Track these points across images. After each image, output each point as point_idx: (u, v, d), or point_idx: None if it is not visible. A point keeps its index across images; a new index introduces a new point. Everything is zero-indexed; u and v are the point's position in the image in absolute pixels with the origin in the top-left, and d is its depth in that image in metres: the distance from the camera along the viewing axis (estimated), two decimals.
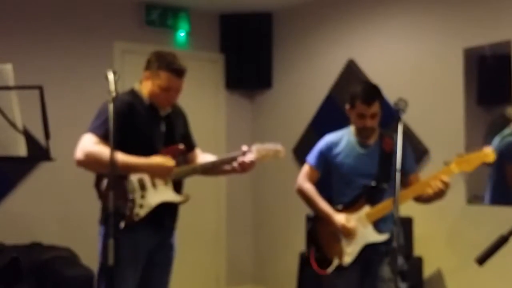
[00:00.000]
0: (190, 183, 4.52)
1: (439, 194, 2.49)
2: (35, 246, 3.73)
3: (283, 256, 4.66)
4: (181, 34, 4.70)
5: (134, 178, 2.37)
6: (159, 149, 2.45)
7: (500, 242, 1.75)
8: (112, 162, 1.89)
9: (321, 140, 2.86)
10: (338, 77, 4.26)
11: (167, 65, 2.44)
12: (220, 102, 4.95)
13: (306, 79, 4.59)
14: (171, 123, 2.57)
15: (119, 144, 2.28)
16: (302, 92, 4.63)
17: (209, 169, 2.61)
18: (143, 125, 2.45)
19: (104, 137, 2.32)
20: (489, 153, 2.44)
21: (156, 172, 2.38)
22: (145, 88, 2.50)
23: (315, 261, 2.78)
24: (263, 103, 5.01)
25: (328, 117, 4.25)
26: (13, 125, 1.73)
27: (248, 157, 2.51)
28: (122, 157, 2.28)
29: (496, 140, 3.29)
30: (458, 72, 3.50)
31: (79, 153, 2.31)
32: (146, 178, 2.39)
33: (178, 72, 2.46)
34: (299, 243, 3.90)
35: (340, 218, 2.67)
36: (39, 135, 2.05)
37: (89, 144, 2.33)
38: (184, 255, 4.63)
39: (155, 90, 2.46)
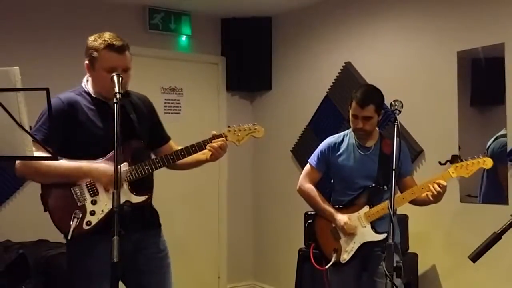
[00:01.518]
0: (191, 182, 4.63)
1: (437, 198, 2.54)
2: (42, 243, 3.76)
3: (283, 253, 4.70)
4: (183, 38, 4.77)
5: (83, 182, 2.13)
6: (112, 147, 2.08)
7: (493, 240, 1.80)
8: (116, 162, 1.80)
9: (323, 142, 2.92)
10: (335, 79, 4.30)
11: (103, 44, 2.15)
12: (221, 103, 5.01)
13: (304, 81, 4.64)
14: (126, 115, 2.22)
15: (64, 146, 2.11)
16: (300, 94, 4.67)
17: (177, 161, 2.26)
18: (90, 122, 2.16)
19: (43, 142, 2.03)
20: (487, 160, 2.51)
21: (100, 181, 2.11)
22: (91, 79, 2.23)
23: (314, 258, 2.85)
24: (262, 105, 5.07)
25: (326, 118, 4.29)
26: (21, 126, 1.78)
27: (218, 143, 2.24)
28: (59, 163, 2.07)
29: (490, 141, 3.32)
30: (452, 74, 3.51)
31: (17, 162, 2.11)
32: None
33: (117, 48, 2.15)
34: (299, 240, 3.94)
35: (342, 217, 2.73)
36: None
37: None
38: (186, 252, 4.75)
39: (100, 76, 2.14)
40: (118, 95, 1.90)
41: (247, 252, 5.13)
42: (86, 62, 2.22)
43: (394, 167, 2.09)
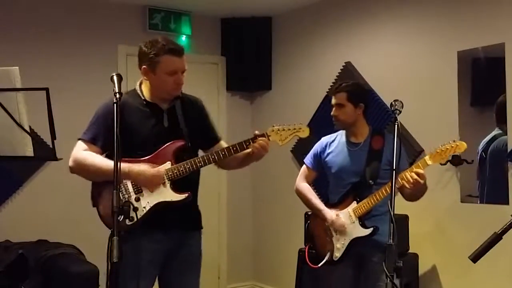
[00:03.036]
0: None
1: (417, 186, 2.51)
2: (41, 243, 3.78)
3: (283, 254, 4.69)
4: (183, 38, 4.76)
5: (128, 180, 2.24)
6: (160, 146, 2.29)
7: (494, 240, 1.78)
8: (116, 162, 1.84)
9: (317, 142, 2.97)
10: (336, 79, 4.27)
11: (164, 49, 2.27)
12: (221, 103, 5.01)
13: (304, 81, 4.64)
14: (174, 117, 2.36)
15: (112, 145, 2.17)
16: (300, 94, 4.67)
17: (222, 160, 2.36)
18: (137, 124, 2.29)
19: (91, 141, 2.28)
20: (460, 144, 2.50)
21: (138, 181, 2.23)
22: (146, 84, 2.36)
23: (309, 257, 2.87)
24: (262, 104, 5.07)
25: (326, 118, 4.21)
26: (20, 126, 1.78)
27: (259, 142, 2.30)
28: (106, 164, 2.18)
29: (485, 140, 3.32)
30: (452, 74, 3.50)
31: (70, 160, 2.27)
32: None
33: (178, 52, 2.29)
34: (298, 240, 3.93)
35: (330, 214, 2.75)
36: (45, 135, 2.11)
37: (77, 150, 2.28)
38: None
39: (162, 79, 2.28)
40: (117, 95, 1.95)
41: (247, 252, 5.13)
42: (144, 67, 2.32)
43: (394, 167, 2.07)
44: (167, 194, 2.25)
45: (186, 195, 2.28)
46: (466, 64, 3.49)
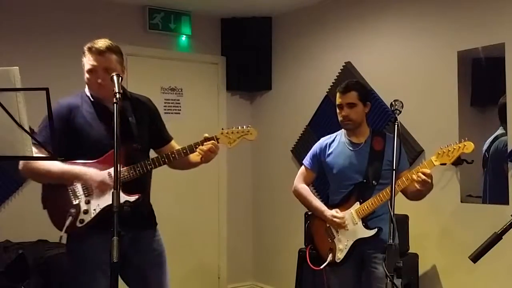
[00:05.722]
0: (191, 183, 4.63)
1: (424, 186, 2.51)
2: (41, 243, 3.77)
3: (283, 254, 4.70)
4: (183, 38, 4.78)
5: (78, 182, 2.21)
6: (110, 149, 2.17)
7: (494, 240, 1.79)
8: (116, 163, 1.82)
9: (316, 143, 2.96)
10: (336, 79, 4.29)
11: (85, 47, 2.26)
12: (221, 103, 5.02)
13: (304, 81, 4.64)
14: (124, 118, 2.24)
15: (64, 148, 2.16)
16: (300, 94, 4.68)
17: (172, 162, 2.32)
18: (87, 125, 2.24)
19: (44, 144, 2.14)
20: (467, 144, 2.47)
21: (88, 185, 2.19)
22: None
23: (310, 258, 2.86)
24: (262, 105, 5.08)
25: (326, 118, 4.28)
26: (20, 126, 1.78)
27: (207, 145, 2.30)
28: (56, 167, 2.18)
29: (489, 141, 3.32)
30: (452, 74, 3.51)
31: (20, 162, 2.23)
32: None
33: (94, 50, 2.23)
34: (298, 241, 3.94)
35: (330, 211, 2.75)
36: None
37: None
38: (185, 253, 4.75)
39: (86, 79, 2.26)
40: (117, 95, 1.91)
41: (247, 252, 5.13)
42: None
43: (394, 167, 2.07)
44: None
45: (137, 196, 2.23)
46: (466, 64, 3.49)
